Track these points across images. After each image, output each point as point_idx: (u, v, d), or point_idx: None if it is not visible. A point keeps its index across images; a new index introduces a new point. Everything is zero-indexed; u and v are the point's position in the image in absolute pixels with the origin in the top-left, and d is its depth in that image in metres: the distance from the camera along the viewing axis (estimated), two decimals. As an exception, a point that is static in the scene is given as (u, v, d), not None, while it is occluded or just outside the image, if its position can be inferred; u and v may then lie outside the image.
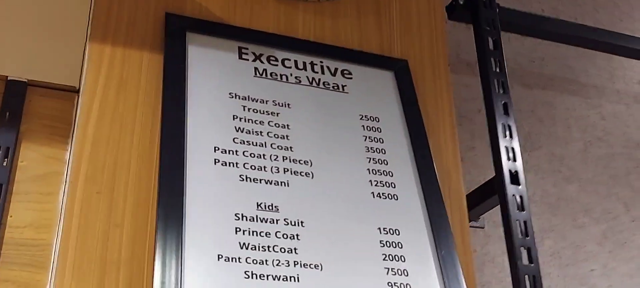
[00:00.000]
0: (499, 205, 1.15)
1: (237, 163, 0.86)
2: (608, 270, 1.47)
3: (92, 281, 0.77)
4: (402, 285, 0.86)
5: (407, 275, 0.88)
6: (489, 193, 1.20)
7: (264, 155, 0.89)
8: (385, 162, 0.97)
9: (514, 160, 1.15)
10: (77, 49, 0.93)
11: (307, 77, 0.99)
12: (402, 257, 0.89)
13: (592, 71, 1.70)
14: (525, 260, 1.09)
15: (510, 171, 1.14)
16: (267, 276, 0.80)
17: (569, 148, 1.57)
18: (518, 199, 1.12)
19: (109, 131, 0.84)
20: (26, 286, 0.85)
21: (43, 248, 0.87)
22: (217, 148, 0.86)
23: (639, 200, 1.58)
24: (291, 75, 0.98)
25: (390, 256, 0.88)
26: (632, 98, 1.72)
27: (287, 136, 0.92)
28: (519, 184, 1.14)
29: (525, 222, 1.11)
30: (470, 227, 1.36)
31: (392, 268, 0.87)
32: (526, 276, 1.07)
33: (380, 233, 0.90)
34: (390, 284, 0.86)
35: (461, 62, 1.51)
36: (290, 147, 0.91)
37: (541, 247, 1.41)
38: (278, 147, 0.90)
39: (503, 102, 1.20)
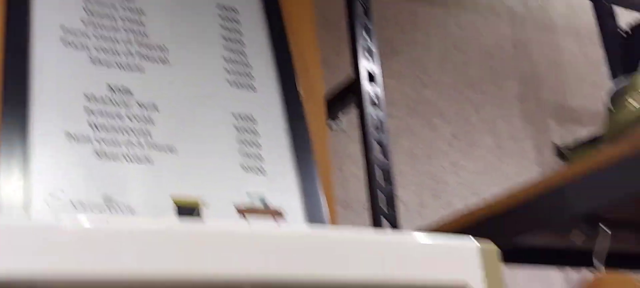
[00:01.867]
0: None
1: (87, 46, 0.85)
2: (458, 168, 1.59)
3: None
4: (255, 168, 0.90)
5: (262, 160, 0.91)
6: (347, 92, 1.26)
7: (116, 38, 0.87)
8: (243, 53, 0.98)
9: (372, 60, 1.21)
10: None
11: (164, -36, 0.98)
12: (257, 143, 0.92)
13: (454, -17, 1.78)
14: (378, 154, 1.16)
15: (368, 72, 1.20)
16: (120, 156, 0.80)
17: (428, 55, 1.65)
18: (374, 96, 1.19)
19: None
20: None
21: None
22: (65, 29, 0.84)
23: (489, 103, 1.71)
24: (147, -39, 0.96)
25: (245, 141, 0.91)
26: (489, 9, 1.83)
27: (141, 21, 0.91)
28: (375, 83, 1.20)
29: (380, 119, 1.18)
30: (331, 128, 1.42)
31: (247, 153, 0.91)
32: (379, 169, 1.15)
33: (236, 119, 0.92)
34: (243, 166, 0.89)
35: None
36: (145, 33, 0.90)
37: (398, 145, 1.50)
38: (131, 31, 0.89)
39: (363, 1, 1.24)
